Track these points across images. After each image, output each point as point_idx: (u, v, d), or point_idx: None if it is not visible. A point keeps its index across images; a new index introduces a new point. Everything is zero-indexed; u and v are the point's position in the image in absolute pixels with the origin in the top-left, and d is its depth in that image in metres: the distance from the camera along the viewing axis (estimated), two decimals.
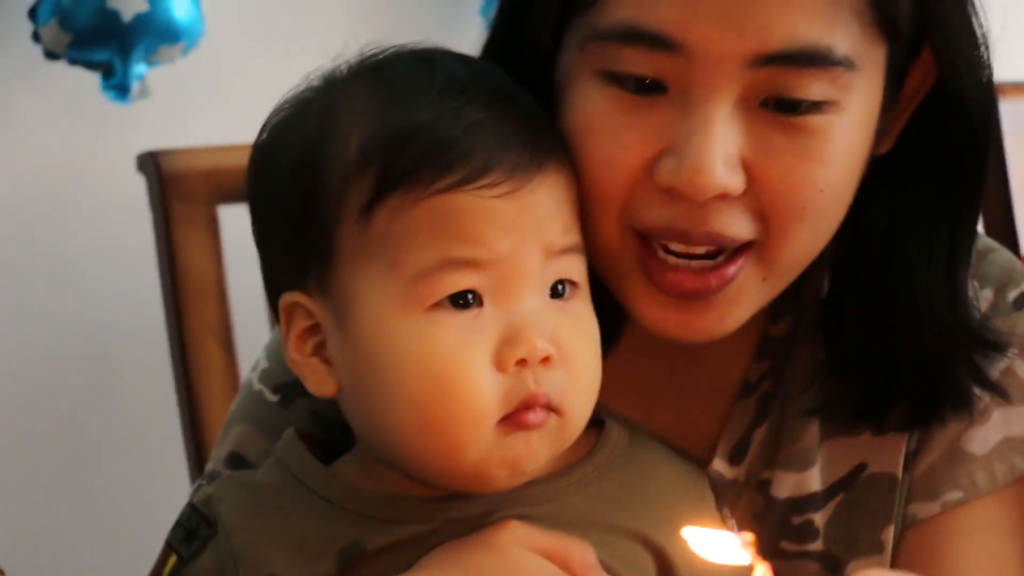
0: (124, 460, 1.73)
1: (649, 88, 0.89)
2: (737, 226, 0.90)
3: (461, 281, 0.86)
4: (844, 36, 0.88)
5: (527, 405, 0.86)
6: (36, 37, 1.61)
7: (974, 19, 0.95)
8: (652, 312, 0.92)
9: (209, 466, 1.06)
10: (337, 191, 0.88)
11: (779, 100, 0.88)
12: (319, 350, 0.90)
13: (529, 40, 0.96)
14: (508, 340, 0.86)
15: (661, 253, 0.90)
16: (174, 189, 1.43)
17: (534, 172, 0.87)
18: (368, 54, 0.92)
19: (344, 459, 0.94)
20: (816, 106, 0.88)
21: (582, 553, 0.89)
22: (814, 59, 0.86)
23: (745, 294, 0.92)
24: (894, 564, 1.02)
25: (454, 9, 1.80)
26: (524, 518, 0.91)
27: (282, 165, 0.91)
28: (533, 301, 0.87)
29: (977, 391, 1.00)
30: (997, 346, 1.01)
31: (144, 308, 1.59)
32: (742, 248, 0.91)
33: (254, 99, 0.99)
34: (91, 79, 1.63)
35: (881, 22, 0.89)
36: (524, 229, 0.87)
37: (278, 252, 0.92)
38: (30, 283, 1.74)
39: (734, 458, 1.03)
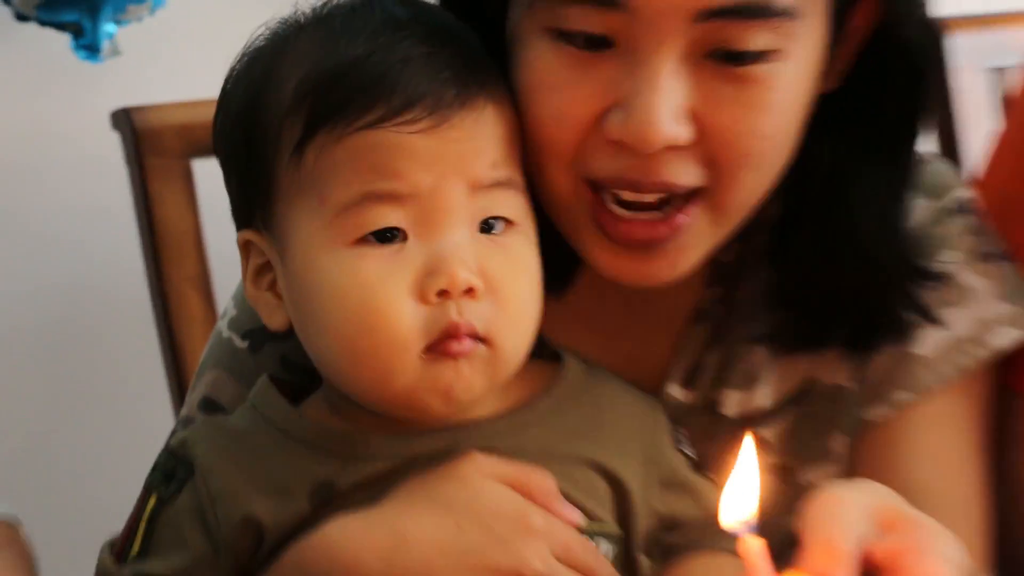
0: (110, 411, 1.75)
1: (597, 44, 0.91)
2: (686, 175, 0.93)
3: (382, 216, 0.89)
4: None
5: (449, 334, 0.88)
6: (6, 1, 1.62)
7: None
8: (606, 260, 0.96)
9: (183, 412, 1.11)
10: (274, 132, 0.91)
11: (724, 52, 0.92)
12: (272, 285, 0.95)
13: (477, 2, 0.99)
14: (429, 272, 0.88)
15: (612, 206, 0.94)
16: (148, 145, 1.45)
17: (458, 107, 0.89)
18: (321, 2, 0.96)
19: (312, 399, 0.98)
20: (760, 55, 0.91)
21: (542, 481, 0.93)
22: (756, 11, 0.90)
23: (695, 240, 0.96)
24: (850, 470, 1.08)
25: None
26: (487, 451, 0.95)
27: (231, 111, 0.95)
28: (458, 235, 0.89)
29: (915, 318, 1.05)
30: (936, 276, 1.06)
31: (124, 262, 1.60)
32: (691, 196, 0.94)
33: (222, 54, 1.00)
34: (62, 39, 1.64)
35: None
36: (446, 164, 0.89)
37: (232, 193, 0.97)
38: (8, 244, 1.74)
39: (688, 382, 1.08)
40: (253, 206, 0.95)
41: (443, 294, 0.88)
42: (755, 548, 0.71)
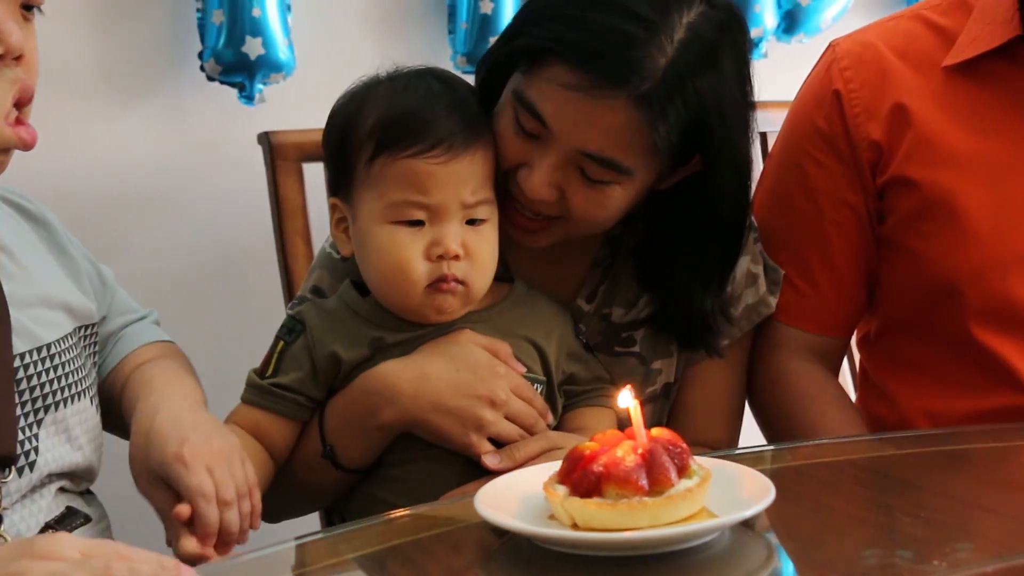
0: (252, 311, 2.04)
1: (531, 135, 1.23)
2: (551, 211, 1.24)
3: (413, 213, 1.18)
4: (632, 159, 1.19)
5: (442, 279, 1.19)
6: (202, 69, 1.98)
7: (746, 146, 1.23)
8: (515, 236, 1.28)
9: (299, 293, 1.39)
10: (357, 148, 1.20)
11: (582, 172, 1.22)
12: (346, 230, 1.25)
13: (491, 79, 1.26)
14: (434, 244, 1.18)
15: (519, 209, 1.26)
16: (278, 153, 1.77)
17: (463, 150, 1.19)
18: (394, 69, 1.25)
19: (371, 296, 1.25)
20: (604, 182, 1.21)
21: (503, 347, 1.25)
22: (609, 165, 1.19)
23: (553, 233, 1.27)
24: (679, 391, 1.38)
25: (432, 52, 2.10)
26: (473, 330, 1.25)
27: (335, 129, 1.24)
28: (454, 225, 1.19)
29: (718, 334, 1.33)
30: (732, 318, 1.34)
31: (262, 222, 1.89)
32: (555, 217, 1.25)
33: (320, 104, 1.33)
34: (232, 92, 2.01)
35: (659, 156, 1.20)
36: (451, 187, 1.18)
37: (329, 174, 1.27)
38: (197, 210, 2.03)
39: (589, 300, 1.37)
40: (340, 186, 1.23)
41: (440, 257, 1.18)
42: (634, 405, 0.94)
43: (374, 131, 1.17)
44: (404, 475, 1.20)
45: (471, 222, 1.19)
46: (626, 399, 0.94)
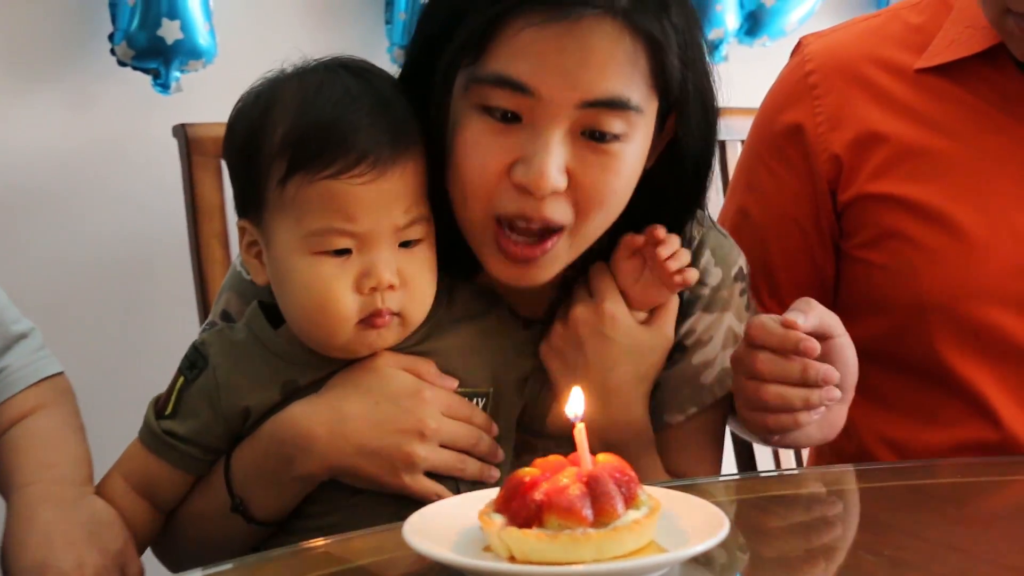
0: (159, 319, 2.06)
1: (510, 118, 1.12)
2: (561, 214, 1.14)
3: (338, 242, 1.10)
4: (636, 91, 1.12)
5: (376, 314, 1.12)
6: (113, 52, 1.98)
7: (712, 96, 1.19)
8: (498, 267, 1.18)
9: (208, 319, 1.31)
10: (266, 166, 1.11)
11: (593, 132, 1.13)
12: (258, 255, 1.17)
13: (429, 80, 1.16)
14: (365, 275, 1.10)
15: (508, 233, 1.15)
16: (195, 147, 1.74)
17: (391, 164, 1.10)
18: (302, 62, 1.16)
19: (285, 326, 1.17)
20: (616, 137, 1.13)
21: (425, 365, 1.18)
22: (618, 105, 1.12)
23: (557, 258, 1.17)
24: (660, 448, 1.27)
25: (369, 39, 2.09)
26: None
27: (237, 139, 1.15)
28: (386, 251, 1.11)
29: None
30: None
31: (176, 222, 1.88)
32: (559, 230, 1.15)
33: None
34: (146, 79, 2.01)
35: (658, 85, 1.14)
36: (380, 208, 1.10)
37: (235, 192, 1.18)
38: (103, 207, 2.02)
39: (546, 316, 1.29)
40: (248, 206, 1.15)
41: (373, 289, 1.11)
42: (581, 432, 0.92)
43: (285, 146, 1.10)
44: (330, 525, 1.14)
45: (405, 244, 1.13)
46: (573, 416, 0.93)
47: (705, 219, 1.26)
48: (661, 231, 1.17)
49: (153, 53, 1.91)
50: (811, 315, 1.14)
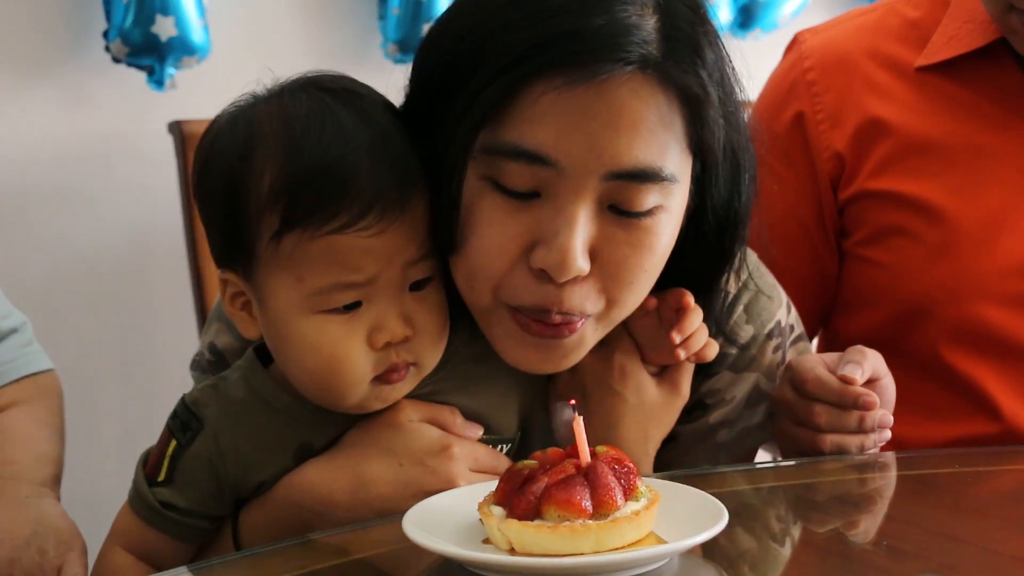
0: (154, 311, 2.08)
1: (526, 195, 1.02)
2: (587, 303, 1.04)
3: (347, 297, 1.02)
4: (671, 159, 1.01)
5: (392, 369, 1.05)
6: (107, 49, 2.04)
7: (745, 151, 1.09)
8: (514, 351, 1.08)
9: (197, 351, 1.24)
10: (255, 218, 1.00)
11: (616, 210, 1.02)
12: (245, 307, 1.07)
13: (428, 123, 1.04)
14: (377, 329, 1.03)
15: (531, 314, 1.06)
16: (190, 143, 1.74)
17: (399, 212, 1.00)
18: (282, 82, 1.04)
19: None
20: (648, 212, 1.02)
21: (448, 414, 1.11)
22: (650, 176, 1.01)
23: (585, 339, 1.08)
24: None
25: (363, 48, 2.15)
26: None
27: (215, 184, 1.02)
28: (396, 298, 1.03)
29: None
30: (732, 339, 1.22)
31: (171, 218, 1.89)
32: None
33: (237, 92, 1.15)
34: (140, 75, 2.08)
35: (693, 145, 1.04)
36: (391, 255, 1.01)
37: (214, 240, 1.05)
38: (95, 211, 2.06)
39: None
40: (234, 258, 1.03)
41: (387, 344, 1.03)
42: (579, 420, 0.91)
43: (275, 197, 0.99)
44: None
45: (416, 286, 1.06)
46: (569, 414, 0.92)
47: (744, 270, 1.18)
48: (687, 299, 1.11)
49: (147, 50, 1.95)
50: (865, 366, 1.14)
